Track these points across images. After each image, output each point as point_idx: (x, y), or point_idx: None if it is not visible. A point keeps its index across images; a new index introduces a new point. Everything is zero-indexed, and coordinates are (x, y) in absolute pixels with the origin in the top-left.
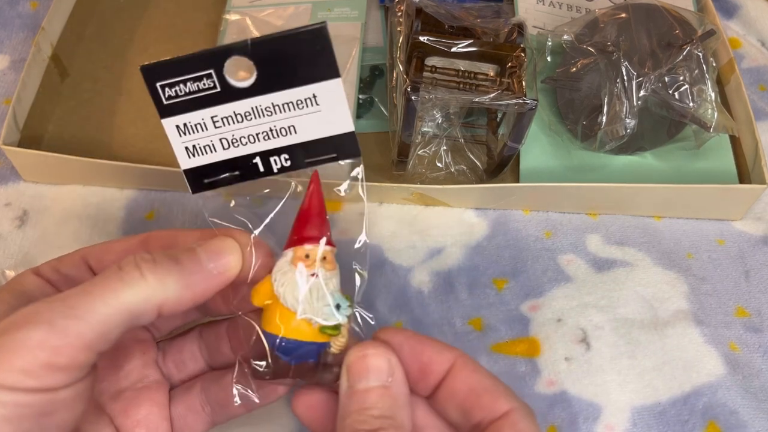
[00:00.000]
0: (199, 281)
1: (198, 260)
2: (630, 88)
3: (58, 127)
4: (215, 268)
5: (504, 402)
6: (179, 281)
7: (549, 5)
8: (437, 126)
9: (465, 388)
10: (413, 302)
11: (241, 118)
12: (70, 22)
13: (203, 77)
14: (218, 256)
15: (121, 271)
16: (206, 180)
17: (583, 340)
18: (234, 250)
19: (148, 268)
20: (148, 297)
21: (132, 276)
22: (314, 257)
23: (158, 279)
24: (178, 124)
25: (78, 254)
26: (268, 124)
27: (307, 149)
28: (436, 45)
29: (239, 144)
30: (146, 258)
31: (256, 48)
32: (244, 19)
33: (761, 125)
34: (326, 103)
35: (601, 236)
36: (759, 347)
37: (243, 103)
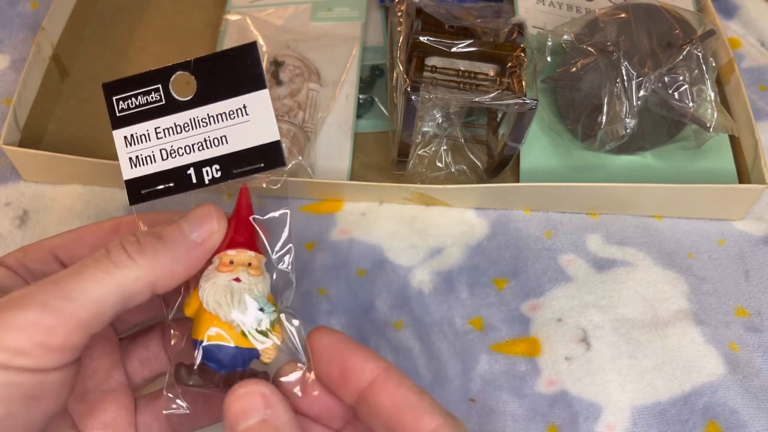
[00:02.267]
0: (186, 253)
1: (181, 232)
2: (630, 88)
3: (58, 127)
4: (199, 236)
5: (428, 419)
6: (167, 257)
7: (549, 5)
8: (437, 126)
9: (389, 404)
10: (413, 302)
11: (180, 129)
12: (71, 21)
13: (151, 91)
14: (200, 223)
15: (109, 254)
16: (144, 191)
17: (583, 339)
18: (213, 215)
19: (134, 249)
20: (139, 276)
21: (120, 257)
22: (238, 263)
23: (147, 258)
24: (126, 135)
25: (45, 248)
26: (203, 135)
27: (236, 160)
28: (436, 45)
29: (176, 155)
30: (131, 240)
31: (198, 65)
32: (244, 18)
33: (761, 125)
34: (255, 113)
35: (602, 236)
36: (759, 347)
37: (183, 114)
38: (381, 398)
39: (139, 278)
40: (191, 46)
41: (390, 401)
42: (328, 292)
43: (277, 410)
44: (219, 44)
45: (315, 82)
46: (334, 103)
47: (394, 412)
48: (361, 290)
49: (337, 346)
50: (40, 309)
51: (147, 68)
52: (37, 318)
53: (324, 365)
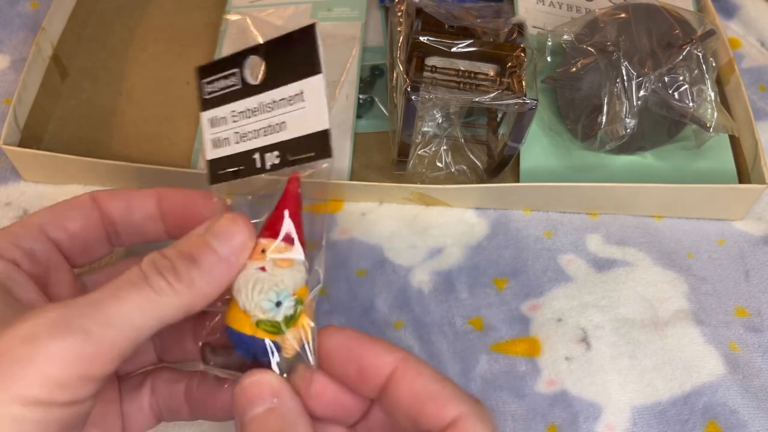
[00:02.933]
0: (220, 274)
1: (213, 251)
2: (630, 88)
3: (58, 127)
4: (231, 253)
5: (451, 408)
6: (203, 281)
7: (549, 5)
8: (437, 126)
9: (409, 395)
10: (413, 302)
11: (250, 114)
12: (71, 21)
13: (230, 75)
14: (229, 238)
15: (147, 279)
16: (219, 172)
17: (583, 339)
18: (242, 226)
19: (172, 276)
20: (179, 304)
21: (159, 284)
22: (268, 251)
23: (184, 285)
24: (210, 117)
25: (34, 225)
26: (267, 120)
27: (292, 147)
28: (436, 45)
29: (246, 139)
30: (166, 264)
31: (268, 48)
32: (244, 18)
33: (761, 125)
34: (310, 100)
35: (602, 236)
36: (759, 347)
37: (253, 99)
38: (401, 390)
39: (177, 306)
40: (191, 46)
41: (410, 392)
42: (328, 292)
43: (284, 399)
44: (219, 44)
45: None
46: (334, 103)
47: (415, 403)
48: (361, 290)
49: (349, 344)
50: (83, 338)
51: (147, 68)
52: (81, 348)
53: (339, 365)
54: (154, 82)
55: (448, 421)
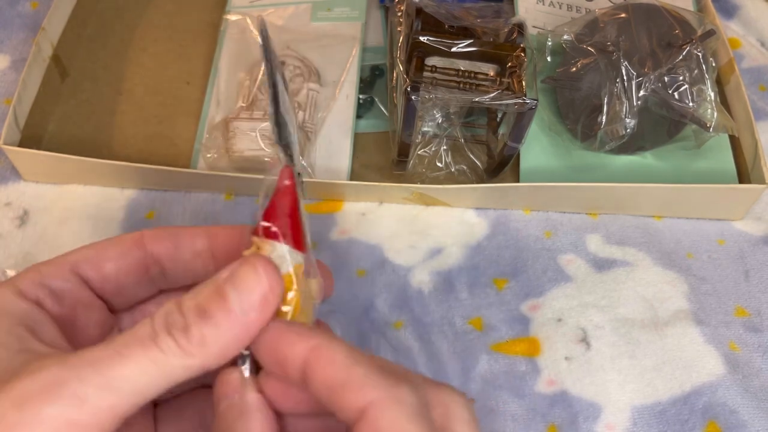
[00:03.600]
0: (237, 333)
1: (230, 309)
2: (630, 88)
3: (58, 127)
4: (251, 309)
5: (358, 396)
6: (218, 344)
7: (549, 5)
8: (437, 126)
9: (323, 387)
10: (413, 302)
11: None
12: (71, 22)
13: None
14: (249, 291)
15: (156, 338)
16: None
17: (583, 339)
18: (263, 276)
19: (183, 337)
20: (190, 366)
21: (168, 345)
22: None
23: (196, 347)
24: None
25: (66, 264)
26: None
27: None
28: (436, 45)
29: None
30: (178, 324)
31: None
32: (244, 18)
33: (761, 125)
34: None
35: (602, 236)
36: (759, 347)
37: None
38: (316, 381)
39: (189, 368)
40: (191, 46)
41: (323, 383)
42: None
43: (245, 394)
44: (219, 44)
45: (315, 82)
46: (334, 103)
47: (330, 394)
48: (361, 290)
49: (268, 336)
50: (77, 404)
51: (147, 68)
52: (72, 415)
53: (264, 360)
54: (154, 82)
55: (358, 412)
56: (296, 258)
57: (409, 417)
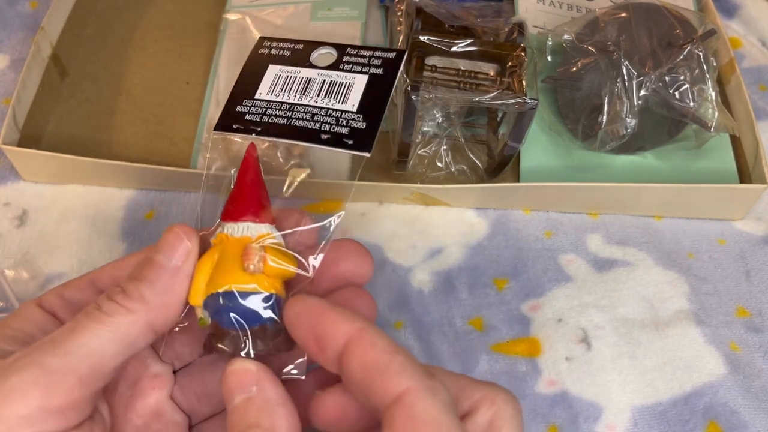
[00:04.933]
0: (169, 282)
1: (158, 264)
2: (630, 88)
3: (57, 127)
4: (176, 261)
5: (396, 382)
6: (154, 293)
7: (549, 5)
8: (437, 126)
9: (360, 368)
10: (413, 302)
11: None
12: (70, 21)
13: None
14: (172, 248)
15: (100, 306)
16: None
17: (583, 339)
18: (182, 235)
19: (121, 297)
20: (134, 320)
21: (111, 307)
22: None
23: (135, 301)
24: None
25: (87, 278)
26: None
27: None
28: (436, 44)
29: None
30: (115, 289)
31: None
32: (244, 18)
33: (762, 125)
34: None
35: (602, 236)
36: (760, 347)
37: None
38: (353, 362)
39: (134, 322)
40: (191, 45)
41: (361, 365)
42: None
43: (264, 386)
44: (219, 44)
45: None
46: None
47: (365, 377)
48: None
49: (309, 312)
50: (38, 370)
51: (147, 68)
52: (35, 379)
53: (300, 334)
54: (154, 82)
55: (394, 396)
56: (259, 229)
57: (443, 408)
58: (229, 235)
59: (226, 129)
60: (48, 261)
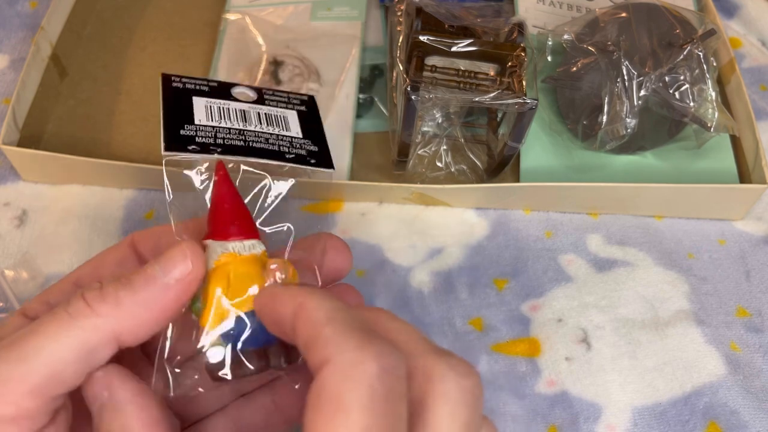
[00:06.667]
0: (155, 297)
1: (151, 275)
2: (630, 88)
3: (57, 127)
4: (171, 278)
5: (319, 353)
6: (133, 302)
7: (549, 5)
8: (437, 126)
9: (301, 343)
10: (413, 302)
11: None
12: (70, 21)
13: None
14: (173, 264)
15: (68, 305)
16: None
17: (583, 340)
18: (188, 254)
19: (94, 297)
20: (98, 326)
21: (78, 308)
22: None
23: (108, 306)
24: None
25: (69, 280)
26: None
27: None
28: (436, 44)
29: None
30: (93, 287)
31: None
32: (243, 18)
33: (762, 125)
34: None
35: (602, 236)
36: (760, 347)
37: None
38: (298, 338)
39: (97, 328)
40: (191, 45)
41: (301, 339)
42: None
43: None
44: (218, 44)
45: (315, 82)
46: (334, 103)
47: (304, 351)
48: (360, 290)
49: (266, 299)
50: None
51: (146, 68)
52: None
53: (266, 322)
54: (154, 81)
55: (315, 369)
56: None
57: (357, 382)
58: (237, 254)
59: (179, 150)
60: (48, 261)
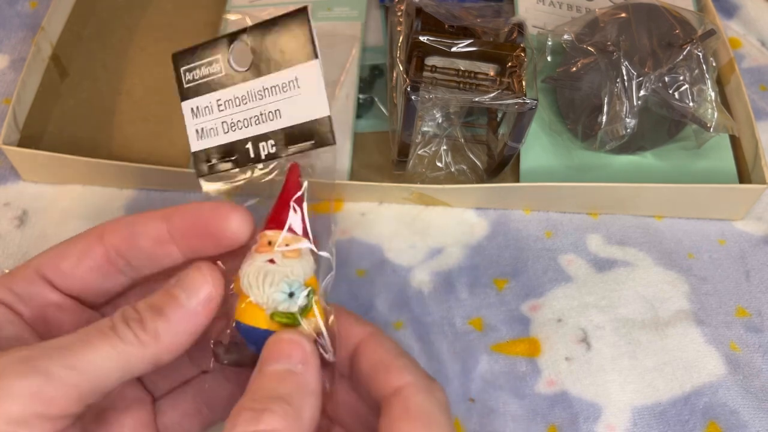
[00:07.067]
0: (187, 326)
1: (180, 304)
2: (630, 88)
3: (57, 127)
4: (198, 305)
5: (397, 377)
6: (169, 334)
7: (549, 5)
8: (437, 126)
9: (367, 365)
10: (413, 302)
11: (239, 102)
12: (70, 21)
13: (213, 62)
14: (196, 289)
15: (115, 328)
16: (209, 164)
17: (583, 340)
18: (209, 278)
19: (138, 327)
20: (144, 355)
21: (126, 335)
22: (275, 243)
23: (150, 337)
24: (192, 107)
25: (30, 268)
26: (258, 108)
27: (289, 135)
28: (436, 44)
29: (236, 128)
30: (134, 316)
31: (253, 33)
32: (243, 18)
33: (761, 125)
34: (305, 86)
35: (602, 236)
36: (759, 347)
37: (241, 86)
38: (362, 361)
39: (143, 357)
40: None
41: (368, 363)
42: (328, 292)
43: (311, 370)
44: None
45: None
46: (334, 103)
47: (370, 372)
48: (360, 290)
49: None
50: (44, 379)
51: (147, 68)
52: (39, 388)
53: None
54: (154, 82)
55: (394, 389)
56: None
57: (437, 404)
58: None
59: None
60: None
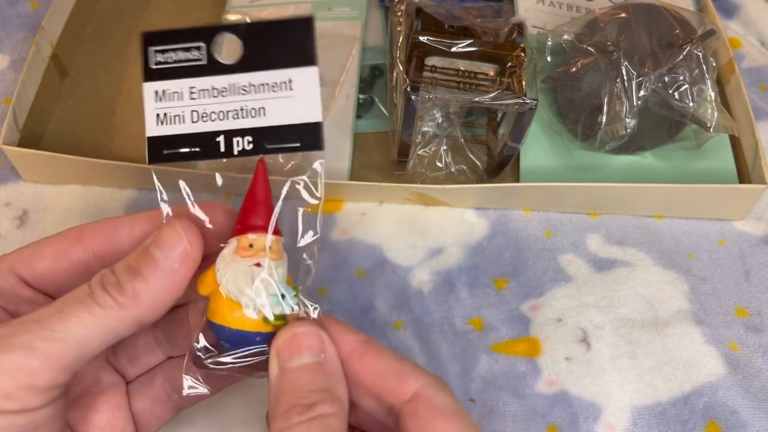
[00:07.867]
0: (165, 283)
1: (156, 262)
2: (630, 88)
3: (57, 127)
4: (174, 262)
5: (412, 381)
6: (148, 293)
7: (549, 5)
8: (437, 126)
9: (371, 374)
10: (413, 302)
11: (217, 93)
12: (70, 21)
13: (193, 48)
14: (171, 247)
15: (93, 294)
16: (166, 151)
17: (583, 339)
18: (183, 236)
19: (116, 290)
20: (124, 317)
21: (104, 299)
22: (258, 246)
23: (129, 298)
24: (156, 90)
25: (4, 265)
26: (239, 103)
27: (271, 135)
28: (436, 45)
29: (208, 119)
30: (111, 280)
31: (250, 29)
32: (243, 18)
33: (761, 125)
34: (300, 90)
35: (602, 236)
36: (759, 347)
37: (223, 78)
38: (361, 370)
39: (124, 318)
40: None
41: (371, 371)
42: (328, 292)
43: (331, 356)
44: None
45: None
46: (334, 103)
47: (378, 381)
48: (360, 290)
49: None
50: (26, 353)
51: None
52: (23, 361)
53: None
54: None
55: (411, 393)
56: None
57: (454, 398)
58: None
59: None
60: None
